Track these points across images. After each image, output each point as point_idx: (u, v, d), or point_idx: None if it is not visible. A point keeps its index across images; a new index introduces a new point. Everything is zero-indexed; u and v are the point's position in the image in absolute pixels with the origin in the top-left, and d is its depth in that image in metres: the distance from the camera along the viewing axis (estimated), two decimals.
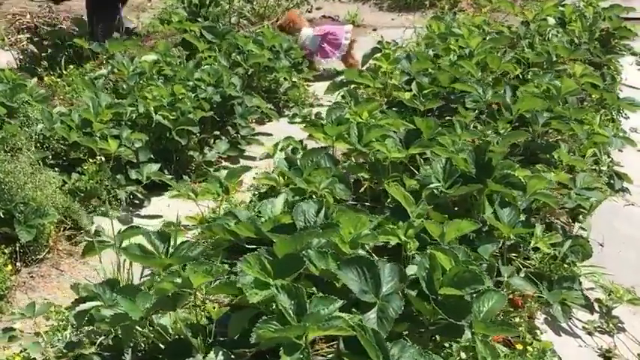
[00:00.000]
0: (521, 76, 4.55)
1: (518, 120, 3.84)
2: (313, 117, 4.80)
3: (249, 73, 4.84)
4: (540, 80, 4.07)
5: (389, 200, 3.20)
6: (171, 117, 4.04)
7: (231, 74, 4.67)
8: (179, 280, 2.32)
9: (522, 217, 2.93)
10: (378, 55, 4.61)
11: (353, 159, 3.58)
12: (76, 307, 2.42)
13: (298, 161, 3.23)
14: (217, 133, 4.40)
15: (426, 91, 4.15)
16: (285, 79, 4.96)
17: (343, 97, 4.16)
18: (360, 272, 2.36)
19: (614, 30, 5.47)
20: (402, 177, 3.24)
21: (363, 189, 3.40)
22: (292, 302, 2.20)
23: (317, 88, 5.22)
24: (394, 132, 3.52)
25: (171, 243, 2.59)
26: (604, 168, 3.72)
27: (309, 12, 6.66)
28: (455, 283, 2.36)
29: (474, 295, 2.37)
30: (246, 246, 2.71)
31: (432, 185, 3.00)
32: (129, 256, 2.60)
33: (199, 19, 6.17)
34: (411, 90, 4.21)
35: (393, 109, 4.17)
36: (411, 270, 2.46)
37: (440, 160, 3.09)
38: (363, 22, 6.59)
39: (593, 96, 4.34)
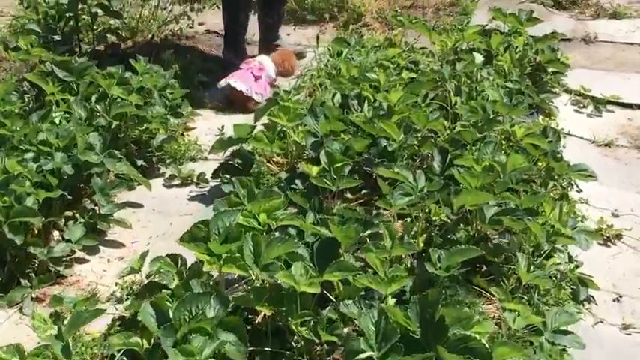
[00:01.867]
0: (450, 133, 3.73)
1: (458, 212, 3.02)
2: (196, 179, 3.86)
3: (112, 127, 3.83)
4: (482, 153, 3.24)
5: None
6: (2, 204, 3.02)
7: (90, 130, 3.66)
8: None
9: None
10: (275, 108, 3.67)
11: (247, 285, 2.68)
12: None
13: (171, 312, 2.28)
14: (70, 213, 3.42)
15: (338, 165, 3.26)
16: (158, 130, 3.97)
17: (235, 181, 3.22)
18: None
19: (545, 63, 4.69)
20: (315, 319, 2.37)
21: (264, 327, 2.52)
22: None
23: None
24: (303, 243, 2.63)
25: None
26: (567, 274, 2.93)
27: (190, 27, 5.64)
28: None
29: None
30: None
31: (361, 356, 2.12)
32: None
33: (56, 37, 5.13)
34: (319, 160, 3.31)
35: (298, 187, 3.28)
36: None
37: (371, 313, 2.21)
38: (254, 39, 5.62)
39: (539, 163, 3.54)
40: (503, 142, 3.65)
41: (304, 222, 2.76)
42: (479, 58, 4.31)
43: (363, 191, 3.47)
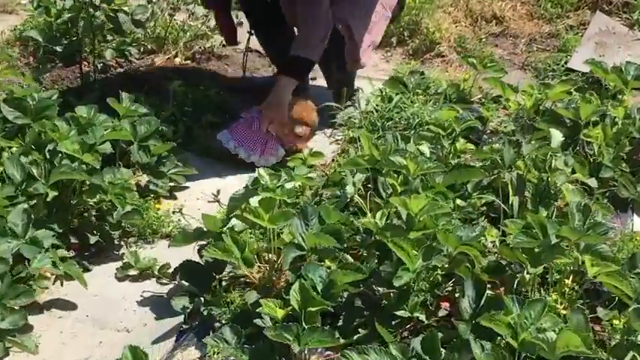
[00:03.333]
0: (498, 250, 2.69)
1: None
2: (157, 270, 2.94)
3: (48, 198, 2.93)
4: (522, 318, 2.19)
5: None
6: None
7: (21, 200, 2.80)
8: None
9: None
10: (256, 200, 2.69)
11: None
12: None
13: None
14: None
15: (313, 309, 2.28)
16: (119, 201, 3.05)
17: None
18: None
19: None
20: None
21: None
22: None
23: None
24: None
25: None
26: None
27: (223, 45, 4.68)
28: None
29: None
30: None
31: None
32: None
33: (58, 49, 4.29)
34: (288, 296, 2.34)
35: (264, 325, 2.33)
36: None
37: None
38: None
39: (615, 322, 2.46)
40: (567, 284, 2.56)
41: None
42: (557, 137, 3.20)
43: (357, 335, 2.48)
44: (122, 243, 3.15)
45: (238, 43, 4.34)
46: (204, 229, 2.77)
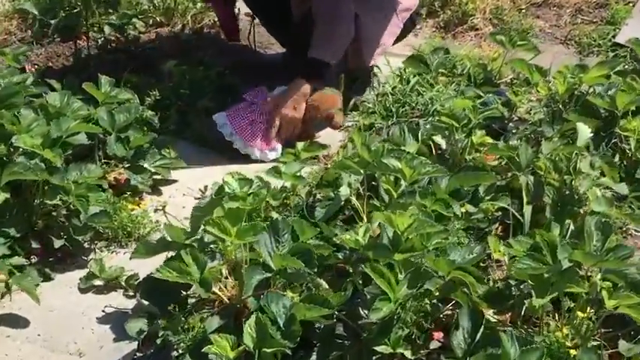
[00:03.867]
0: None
1: None
2: (124, 281, 2.63)
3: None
4: None
5: None
6: None
7: None
8: None
9: None
10: (220, 209, 2.34)
11: None
12: None
13: None
14: None
15: (268, 350, 1.93)
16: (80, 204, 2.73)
17: None
18: None
19: None
20: None
21: None
22: None
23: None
24: None
25: None
26: None
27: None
28: None
29: None
30: None
31: None
32: None
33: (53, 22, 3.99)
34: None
35: None
36: None
37: None
38: None
39: None
40: (580, 317, 2.17)
41: None
42: (584, 133, 2.76)
43: None
44: (93, 247, 2.83)
45: (240, 40, 4.00)
46: (170, 240, 2.43)
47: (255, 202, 2.36)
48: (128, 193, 2.98)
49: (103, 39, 4.08)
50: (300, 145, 2.93)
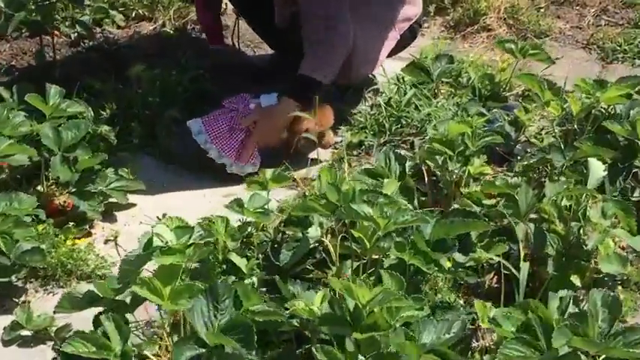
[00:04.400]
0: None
1: None
2: (54, 333, 2.26)
3: None
4: None
5: None
6: None
7: None
8: None
9: None
10: (165, 261, 1.96)
11: None
12: None
13: None
14: None
15: None
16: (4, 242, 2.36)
17: None
18: None
19: None
20: None
21: None
22: None
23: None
24: None
25: None
26: None
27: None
28: None
29: None
30: None
31: None
32: None
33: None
34: None
35: None
36: None
37: None
38: None
39: None
40: None
41: None
42: (597, 171, 2.35)
43: None
44: (28, 287, 2.47)
45: (226, 45, 3.62)
46: (97, 294, 2.06)
47: (195, 255, 1.97)
48: (71, 223, 2.60)
49: (76, 34, 3.70)
50: (268, 173, 2.53)
